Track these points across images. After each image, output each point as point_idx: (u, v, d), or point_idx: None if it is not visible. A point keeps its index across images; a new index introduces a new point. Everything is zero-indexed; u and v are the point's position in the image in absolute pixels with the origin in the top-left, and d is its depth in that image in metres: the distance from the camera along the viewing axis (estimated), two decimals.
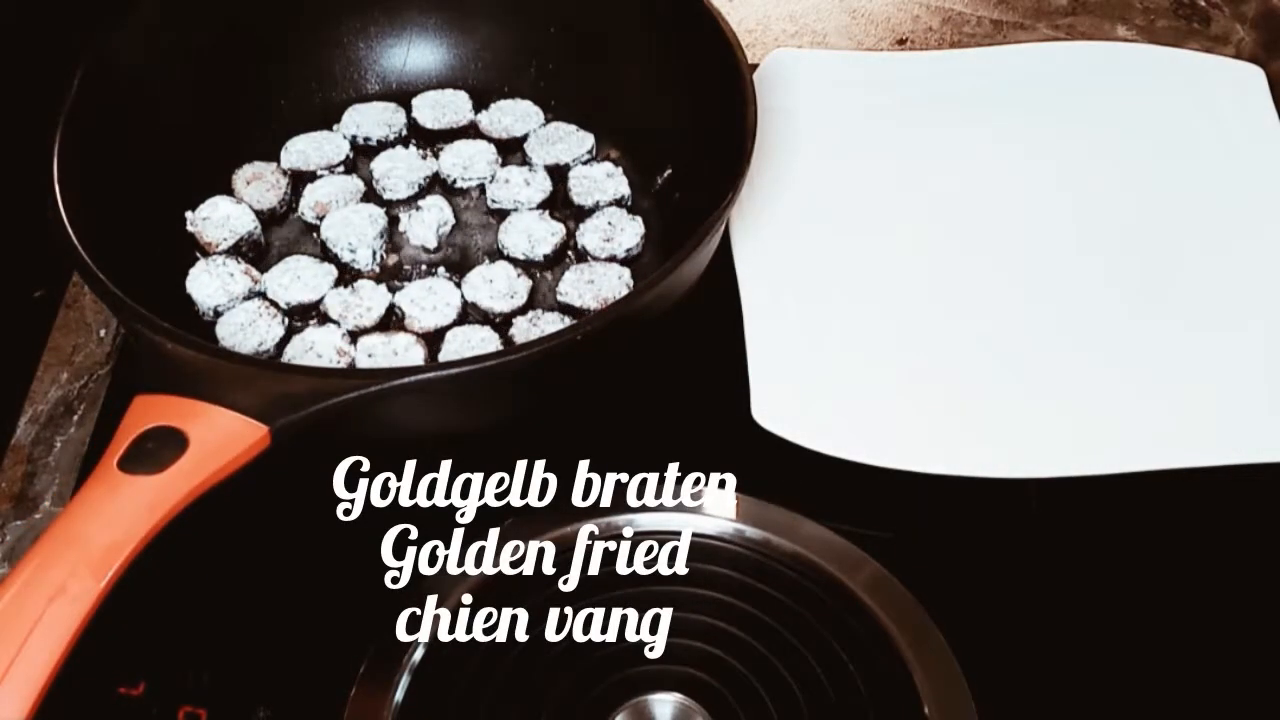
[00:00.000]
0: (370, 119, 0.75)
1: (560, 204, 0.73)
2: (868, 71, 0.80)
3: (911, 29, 0.86)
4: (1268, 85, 0.77)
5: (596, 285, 0.67)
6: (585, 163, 0.74)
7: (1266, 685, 0.58)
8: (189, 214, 0.70)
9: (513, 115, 0.76)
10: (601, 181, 0.72)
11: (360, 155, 0.75)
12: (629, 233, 0.70)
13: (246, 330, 0.66)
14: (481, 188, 0.73)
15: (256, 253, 0.70)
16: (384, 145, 0.75)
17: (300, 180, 0.73)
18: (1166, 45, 0.83)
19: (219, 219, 0.70)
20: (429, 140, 0.75)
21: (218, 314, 0.67)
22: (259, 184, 0.72)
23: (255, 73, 0.74)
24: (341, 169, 0.74)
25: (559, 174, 0.73)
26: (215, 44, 0.72)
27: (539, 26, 0.76)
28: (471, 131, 0.75)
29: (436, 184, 0.73)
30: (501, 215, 0.71)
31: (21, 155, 0.63)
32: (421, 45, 0.78)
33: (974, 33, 0.86)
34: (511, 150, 0.75)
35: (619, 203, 0.72)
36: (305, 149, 0.74)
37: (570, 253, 0.70)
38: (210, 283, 0.67)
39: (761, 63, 0.78)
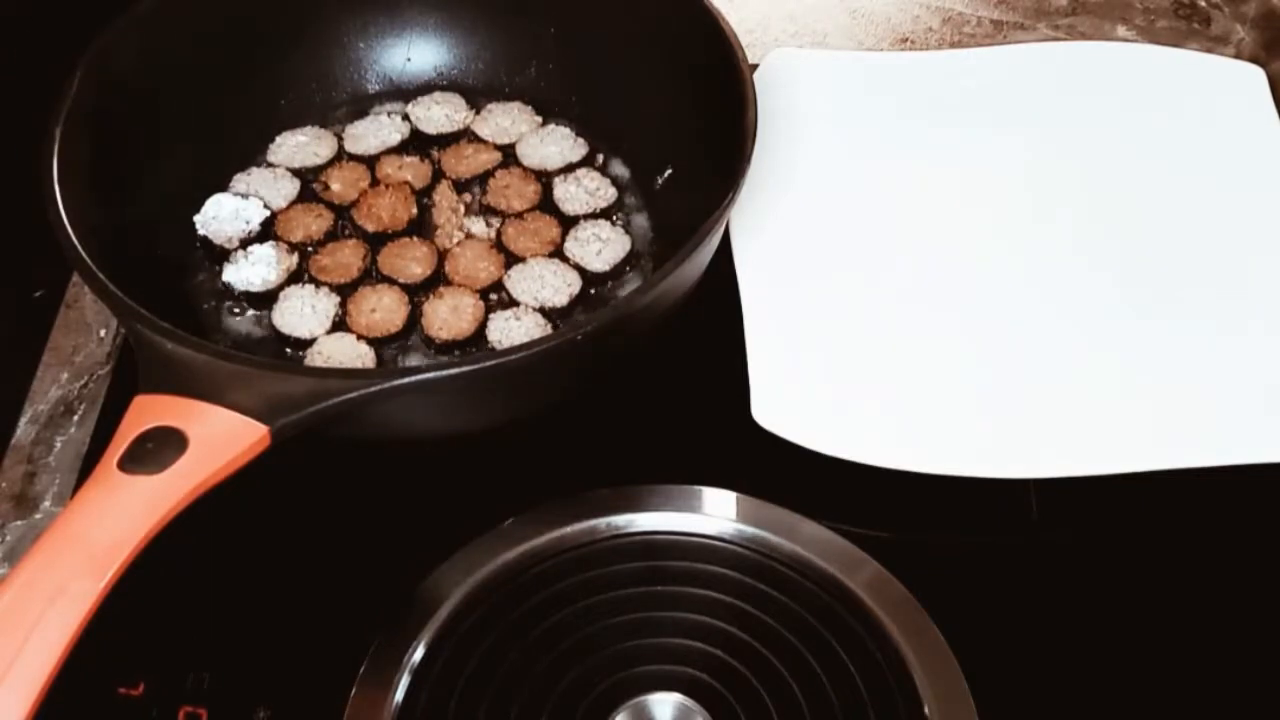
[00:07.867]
0: (371, 130, 0.75)
1: (549, 210, 0.72)
2: (868, 71, 0.80)
3: (911, 29, 0.86)
4: (1268, 85, 0.77)
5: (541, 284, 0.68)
6: (575, 170, 0.73)
7: (1266, 685, 0.58)
8: (196, 218, 0.70)
9: (509, 118, 0.76)
10: (589, 189, 0.72)
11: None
12: (615, 245, 0.69)
13: (297, 318, 0.66)
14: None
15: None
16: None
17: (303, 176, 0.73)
18: (1166, 45, 0.82)
19: (227, 214, 0.70)
20: (425, 145, 0.75)
21: (266, 299, 0.67)
22: (261, 183, 0.72)
23: (255, 73, 0.74)
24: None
25: (546, 178, 0.73)
26: (214, 44, 0.72)
27: (539, 27, 0.76)
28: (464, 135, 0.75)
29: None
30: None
31: (21, 155, 0.63)
32: (421, 45, 0.78)
33: (974, 33, 0.86)
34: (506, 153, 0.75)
35: (604, 213, 0.71)
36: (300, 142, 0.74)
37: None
38: (250, 269, 0.68)
39: (761, 63, 0.78)
